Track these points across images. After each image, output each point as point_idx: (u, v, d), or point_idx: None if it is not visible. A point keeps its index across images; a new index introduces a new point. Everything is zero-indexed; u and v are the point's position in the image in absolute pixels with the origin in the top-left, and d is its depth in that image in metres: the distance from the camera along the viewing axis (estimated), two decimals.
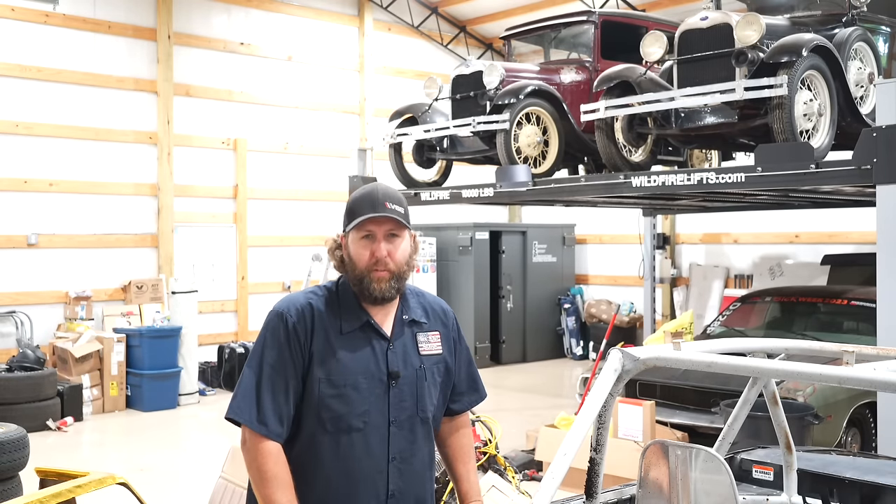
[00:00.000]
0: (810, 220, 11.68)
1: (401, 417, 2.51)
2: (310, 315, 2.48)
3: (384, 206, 2.47)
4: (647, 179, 6.76)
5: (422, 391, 2.55)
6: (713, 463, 2.28)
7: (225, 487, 5.14)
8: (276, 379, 2.42)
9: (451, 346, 2.68)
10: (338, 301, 2.54)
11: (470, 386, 2.77)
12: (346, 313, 2.51)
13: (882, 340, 5.23)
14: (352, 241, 2.51)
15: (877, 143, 5.40)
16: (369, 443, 2.46)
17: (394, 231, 2.50)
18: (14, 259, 10.30)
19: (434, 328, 2.65)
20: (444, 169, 9.11)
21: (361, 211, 2.48)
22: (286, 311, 2.48)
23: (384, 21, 13.97)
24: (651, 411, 6.21)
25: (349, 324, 2.50)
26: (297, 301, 2.52)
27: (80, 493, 3.47)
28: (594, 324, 13.89)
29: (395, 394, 2.50)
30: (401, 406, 2.51)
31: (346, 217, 2.53)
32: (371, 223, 2.47)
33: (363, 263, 2.48)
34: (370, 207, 2.47)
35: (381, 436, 2.48)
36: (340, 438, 2.44)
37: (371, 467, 2.47)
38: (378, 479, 2.47)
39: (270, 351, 2.45)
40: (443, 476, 5.47)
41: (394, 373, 2.50)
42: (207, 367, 11.27)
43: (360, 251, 2.49)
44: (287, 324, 2.46)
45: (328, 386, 2.44)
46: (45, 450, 7.87)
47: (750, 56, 6.12)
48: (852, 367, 2.36)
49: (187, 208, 11.72)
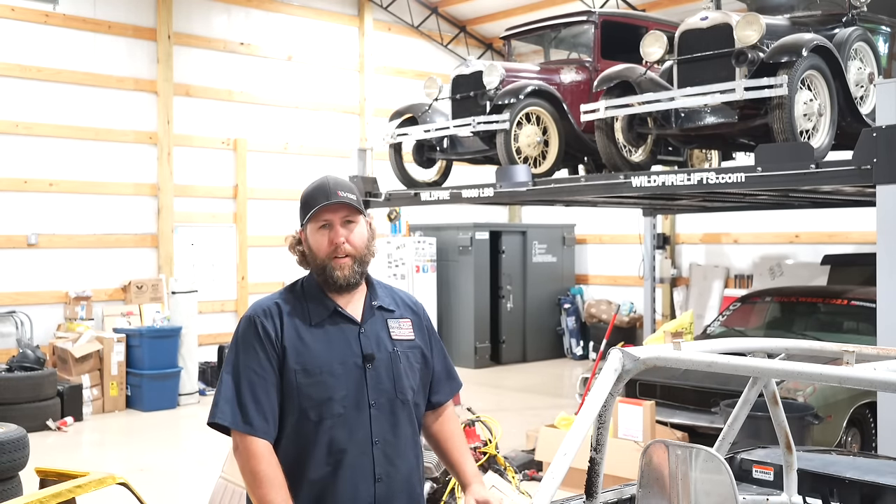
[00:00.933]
0: (810, 220, 11.67)
1: (380, 400, 2.55)
2: (277, 313, 2.56)
3: (336, 194, 2.56)
4: (647, 179, 6.76)
5: (398, 373, 2.60)
6: (713, 463, 2.28)
7: (225, 487, 5.14)
8: (253, 379, 2.48)
9: (424, 336, 2.74)
10: (303, 295, 2.62)
11: (446, 376, 2.83)
12: (312, 305, 2.59)
13: (882, 340, 5.22)
14: (310, 233, 2.60)
15: (877, 143, 5.40)
16: (352, 427, 2.51)
17: (349, 217, 2.59)
18: (14, 259, 10.30)
19: (405, 315, 2.71)
20: (444, 169, 9.11)
21: (315, 202, 2.56)
22: (253, 315, 2.58)
23: (384, 21, 13.97)
24: (651, 411, 6.21)
25: (317, 314, 2.58)
26: (262, 304, 2.62)
27: (80, 493, 3.48)
28: (594, 324, 13.89)
29: (371, 376, 2.55)
30: (379, 388, 2.55)
31: (302, 211, 2.62)
32: (326, 212, 2.56)
33: (323, 252, 2.56)
34: (323, 197, 2.56)
35: (363, 419, 2.52)
36: (323, 425, 2.48)
37: (356, 451, 2.51)
38: (364, 463, 2.51)
39: (244, 354, 2.52)
40: (443, 476, 5.47)
41: (368, 355, 2.56)
42: (207, 367, 11.27)
43: (319, 240, 2.57)
44: (256, 325, 2.54)
45: (304, 375, 2.49)
46: (45, 450, 7.87)
47: (750, 56, 6.12)
48: (852, 367, 2.36)
49: (187, 208, 11.72)
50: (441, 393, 2.80)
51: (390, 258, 12.73)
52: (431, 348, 2.76)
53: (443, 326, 13.32)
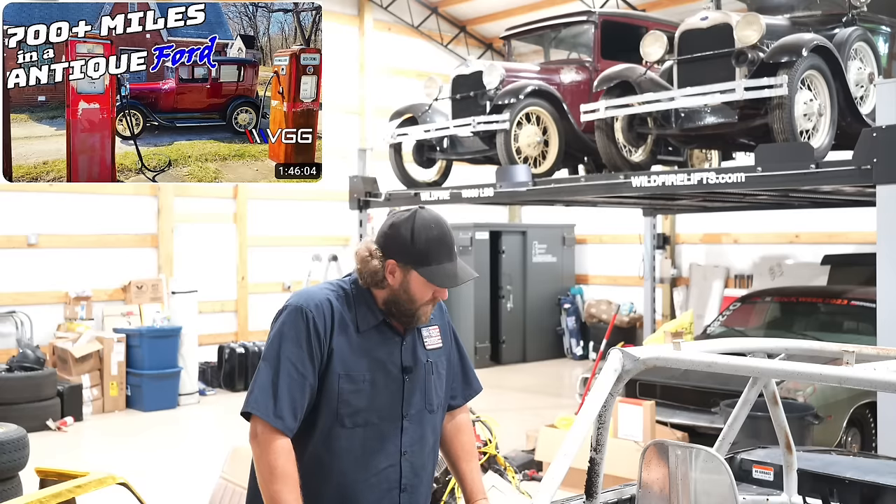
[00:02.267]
0: (810, 220, 11.67)
1: (412, 412, 2.56)
2: (329, 312, 2.48)
3: (458, 261, 2.54)
4: (647, 179, 6.76)
5: (429, 385, 2.60)
6: (713, 463, 2.28)
7: (225, 487, 5.14)
8: (293, 374, 2.42)
9: (448, 340, 2.74)
10: (353, 301, 2.55)
11: (465, 380, 2.81)
12: (361, 312, 2.54)
13: (882, 340, 5.22)
14: (415, 281, 2.51)
15: (877, 143, 5.40)
16: (384, 437, 2.51)
17: None
18: (14, 259, 10.30)
19: (434, 323, 2.69)
20: (444, 169, 9.11)
21: (439, 259, 2.49)
22: (305, 306, 2.47)
23: (384, 21, 13.96)
24: (651, 411, 6.21)
25: (365, 322, 2.53)
26: (315, 297, 2.51)
27: (80, 493, 3.47)
28: (594, 324, 13.88)
29: (408, 388, 2.55)
30: (412, 401, 2.56)
31: (417, 256, 2.48)
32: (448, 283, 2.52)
33: (422, 301, 2.53)
34: (447, 258, 2.50)
35: (395, 430, 2.53)
36: (357, 433, 2.47)
37: (385, 461, 2.51)
38: (391, 473, 2.52)
39: (288, 345, 2.44)
40: (443, 476, 5.47)
41: (407, 367, 2.55)
42: (207, 367, 11.27)
43: (424, 291, 2.52)
44: (307, 319, 2.45)
45: (347, 381, 2.47)
46: (45, 450, 7.86)
47: (750, 56, 6.12)
48: (852, 367, 2.36)
49: (187, 208, 11.71)
50: (458, 397, 2.78)
51: None
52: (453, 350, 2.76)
53: None
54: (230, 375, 11.10)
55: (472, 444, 2.82)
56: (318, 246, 12.33)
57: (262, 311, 11.98)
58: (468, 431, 2.82)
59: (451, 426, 2.78)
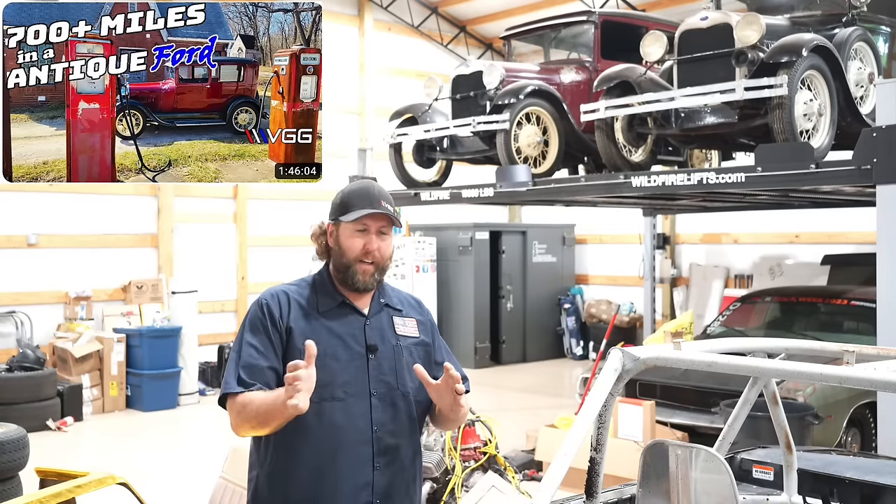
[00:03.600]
0: (810, 220, 11.67)
1: (381, 390, 2.62)
2: (285, 299, 2.65)
3: (380, 203, 2.64)
4: (647, 179, 6.76)
5: (400, 367, 2.67)
6: (713, 463, 2.28)
7: (225, 488, 5.14)
8: (254, 354, 2.56)
9: (428, 334, 2.80)
10: (314, 288, 2.70)
11: None
12: (322, 296, 2.68)
13: (882, 340, 5.23)
14: (344, 232, 2.66)
15: (877, 143, 5.40)
16: (352, 413, 2.57)
17: (384, 228, 2.67)
18: (14, 259, 10.30)
19: (410, 315, 2.79)
20: (444, 169, 9.11)
21: (359, 205, 2.63)
22: (262, 299, 2.67)
23: (384, 21, 13.96)
24: (651, 411, 6.21)
25: (325, 303, 2.66)
26: (273, 290, 2.70)
27: (80, 493, 3.47)
28: (594, 324, 13.88)
29: (374, 366, 2.62)
30: (380, 379, 2.62)
31: (339, 208, 2.68)
32: (368, 218, 2.63)
33: (353, 254, 2.64)
34: (368, 203, 2.63)
35: (364, 407, 2.59)
36: (323, 408, 2.53)
37: (355, 437, 2.56)
38: (363, 450, 2.57)
39: (248, 333, 2.60)
40: (443, 476, 5.47)
41: (371, 346, 2.64)
42: (207, 367, 11.26)
43: (353, 242, 2.64)
44: (263, 308, 2.62)
45: None
46: (45, 450, 7.86)
47: (750, 56, 6.12)
48: (852, 367, 2.36)
49: (187, 208, 11.71)
50: None
51: None
52: (435, 348, 2.81)
53: (443, 326, 13.31)
54: None
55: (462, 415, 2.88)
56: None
57: None
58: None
59: None
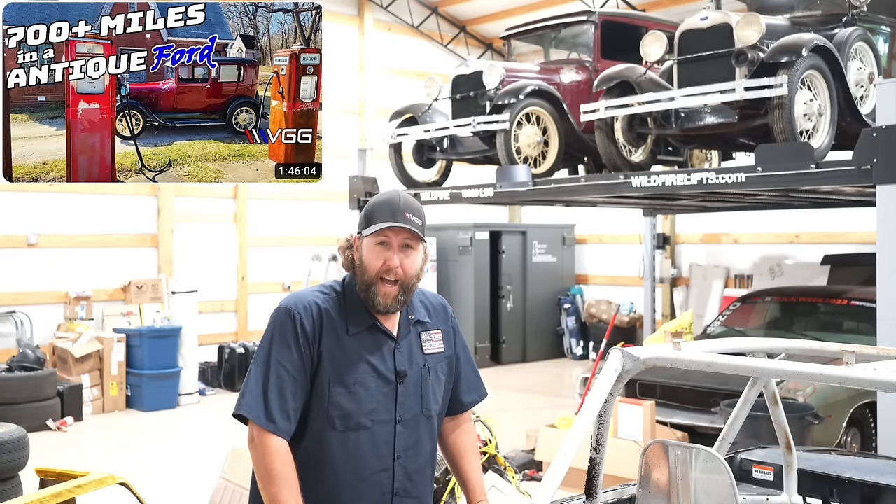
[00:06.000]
0: (810, 220, 11.67)
1: (406, 416, 2.53)
2: (317, 314, 2.48)
3: (404, 216, 2.48)
4: (647, 179, 6.76)
5: (426, 390, 2.58)
6: (713, 463, 2.28)
7: (225, 488, 5.14)
8: (284, 376, 2.42)
9: (451, 344, 2.71)
10: (344, 302, 2.55)
11: (470, 385, 2.79)
12: (352, 314, 2.53)
13: (882, 340, 5.22)
14: (366, 246, 2.52)
15: (877, 143, 5.40)
16: (376, 441, 2.49)
17: (409, 242, 2.51)
18: (14, 259, 10.30)
19: (436, 327, 2.67)
20: (444, 169, 9.11)
21: (381, 217, 2.48)
22: (294, 308, 2.48)
23: (384, 21, 13.96)
24: (651, 411, 6.21)
25: (356, 325, 2.52)
26: (304, 299, 2.52)
27: (80, 493, 3.47)
28: (594, 324, 13.88)
29: (401, 393, 2.53)
30: (406, 405, 2.54)
31: (364, 220, 2.53)
32: (389, 231, 2.48)
33: (374, 270, 2.49)
34: (390, 215, 2.48)
35: (388, 434, 2.50)
36: (349, 436, 2.46)
37: (377, 465, 2.49)
38: (384, 478, 2.50)
39: (278, 347, 2.45)
40: (443, 476, 5.47)
41: (401, 372, 2.53)
42: (207, 367, 11.27)
43: (374, 257, 2.49)
44: (295, 321, 2.46)
45: (338, 384, 2.46)
46: (45, 450, 7.86)
47: (750, 56, 6.12)
48: (852, 367, 2.36)
49: (187, 208, 11.71)
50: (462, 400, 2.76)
51: None
52: (457, 356, 2.73)
53: None
54: (230, 375, 11.10)
55: (474, 445, 2.81)
56: (318, 246, 12.32)
57: (262, 311, 11.96)
58: (470, 432, 2.81)
59: (453, 426, 2.77)
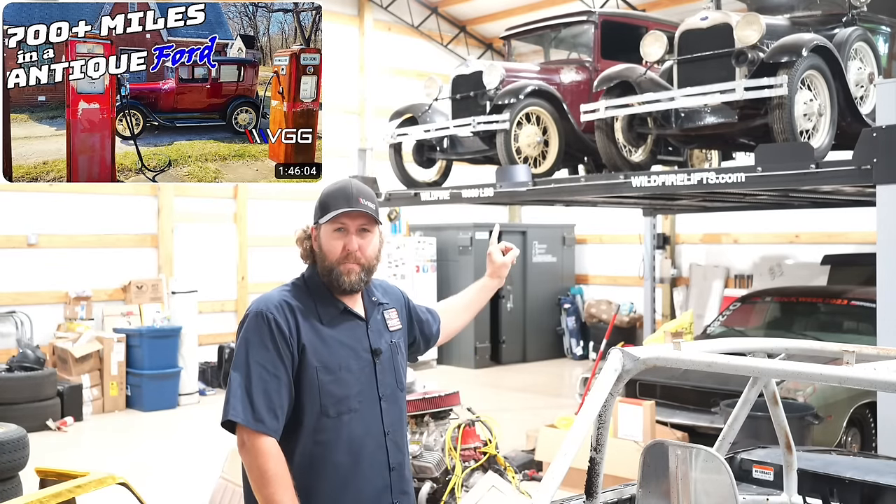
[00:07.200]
0: (810, 220, 11.67)
1: (387, 392, 2.64)
2: (290, 311, 2.54)
3: (358, 201, 2.57)
4: (647, 179, 6.76)
5: (397, 365, 2.70)
6: (713, 463, 2.28)
7: (225, 487, 5.14)
8: (265, 376, 2.45)
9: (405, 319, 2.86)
10: (310, 294, 2.61)
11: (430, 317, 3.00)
12: (321, 304, 2.60)
13: (882, 340, 5.22)
14: (324, 234, 2.61)
15: (877, 143, 5.40)
16: (367, 421, 2.57)
17: (366, 226, 2.61)
18: (14, 259, 10.30)
19: (392, 306, 2.80)
20: (444, 169, 9.11)
21: (335, 205, 2.57)
22: (266, 310, 2.52)
23: (384, 21, 13.96)
24: (651, 411, 6.21)
25: (327, 313, 2.59)
26: (273, 299, 2.57)
27: (80, 493, 3.48)
28: (594, 324, 13.88)
29: (379, 370, 2.62)
30: (385, 381, 2.64)
31: (319, 210, 2.63)
32: (345, 217, 2.57)
33: (334, 256, 2.58)
34: (345, 202, 2.57)
35: (375, 412, 2.59)
36: (342, 421, 2.52)
37: (372, 444, 2.57)
38: (379, 455, 2.58)
39: (256, 350, 2.48)
40: (443, 476, 5.47)
41: (376, 350, 2.63)
42: (207, 367, 11.27)
43: (333, 244, 2.58)
44: (270, 322, 2.49)
45: (325, 372, 2.52)
46: (45, 450, 7.86)
47: (750, 56, 6.12)
48: (852, 367, 2.36)
49: (187, 208, 11.71)
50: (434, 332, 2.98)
51: (390, 258, 12.73)
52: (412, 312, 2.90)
53: None
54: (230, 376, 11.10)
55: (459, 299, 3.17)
56: None
57: None
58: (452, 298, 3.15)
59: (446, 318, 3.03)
